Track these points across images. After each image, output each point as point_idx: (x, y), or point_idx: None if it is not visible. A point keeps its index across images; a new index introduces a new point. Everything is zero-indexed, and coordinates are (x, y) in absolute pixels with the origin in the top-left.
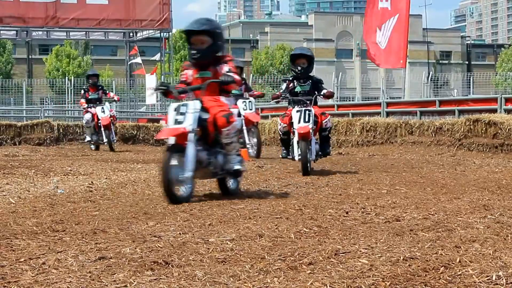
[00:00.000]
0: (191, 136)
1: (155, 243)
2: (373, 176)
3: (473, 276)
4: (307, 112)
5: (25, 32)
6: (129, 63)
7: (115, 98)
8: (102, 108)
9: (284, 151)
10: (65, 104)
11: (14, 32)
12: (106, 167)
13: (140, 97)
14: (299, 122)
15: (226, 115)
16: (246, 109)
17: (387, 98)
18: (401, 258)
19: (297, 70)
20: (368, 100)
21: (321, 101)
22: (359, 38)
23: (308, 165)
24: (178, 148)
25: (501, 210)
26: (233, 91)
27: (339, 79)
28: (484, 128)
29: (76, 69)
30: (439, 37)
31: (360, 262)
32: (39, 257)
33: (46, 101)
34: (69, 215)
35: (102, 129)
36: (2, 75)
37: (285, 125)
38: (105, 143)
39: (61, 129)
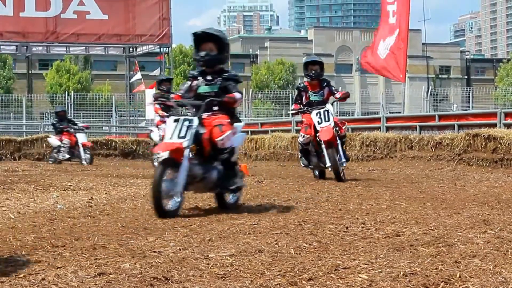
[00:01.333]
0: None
1: (155, 258)
2: (373, 191)
3: None
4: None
5: (25, 47)
6: (130, 81)
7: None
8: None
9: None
10: None
11: (14, 47)
12: (106, 182)
13: (140, 112)
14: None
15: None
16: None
17: (387, 113)
18: (401, 273)
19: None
20: (367, 115)
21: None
22: (359, 53)
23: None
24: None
25: (501, 225)
26: (312, 98)
27: None
28: (483, 143)
29: (76, 85)
30: (438, 52)
31: (360, 277)
32: (38, 273)
33: (46, 116)
34: (69, 231)
35: None
36: (3, 90)
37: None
38: None
39: None
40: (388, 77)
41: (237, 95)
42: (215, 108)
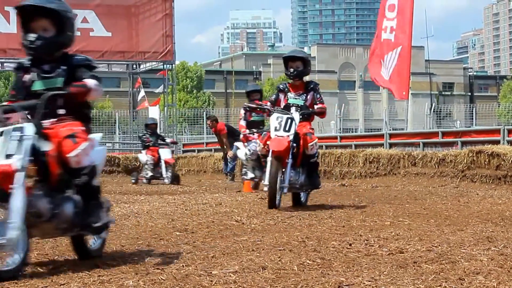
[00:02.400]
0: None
1: (158, 275)
2: (376, 207)
3: None
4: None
5: None
6: (137, 100)
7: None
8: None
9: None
10: None
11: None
12: (109, 199)
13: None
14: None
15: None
16: (279, 129)
17: (390, 130)
18: None
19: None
20: (371, 131)
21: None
22: (362, 70)
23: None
24: None
25: (504, 242)
26: (291, 100)
27: (342, 110)
28: (487, 160)
29: None
30: (441, 69)
31: None
32: None
33: None
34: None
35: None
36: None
37: (253, 150)
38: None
39: None
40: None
41: (89, 82)
42: (61, 111)
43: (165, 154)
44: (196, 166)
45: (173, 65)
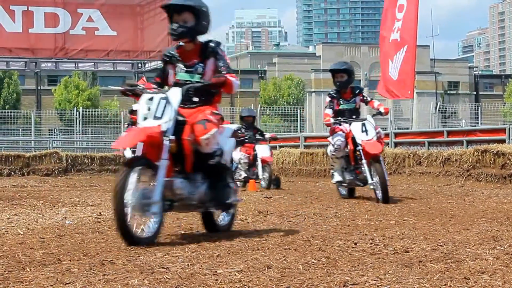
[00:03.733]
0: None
1: (163, 274)
2: (381, 206)
3: None
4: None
5: (34, 63)
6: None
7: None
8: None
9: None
10: (73, 134)
11: (23, 63)
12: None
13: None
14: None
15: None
16: (263, 152)
17: (395, 129)
18: None
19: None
20: None
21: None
22: (367, 69)
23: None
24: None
25: (510, 241)
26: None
27: None
28: (492, 159)
29: (85, 101)
30: (446, 68)
31: None
32: None
33: (54, 132)
34: (77, 246)
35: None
36: (9, 105)
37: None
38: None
39: (69, 160)
40: (400, 98)
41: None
42: (195, 99)
43: (263, 151)
44: None
45: None
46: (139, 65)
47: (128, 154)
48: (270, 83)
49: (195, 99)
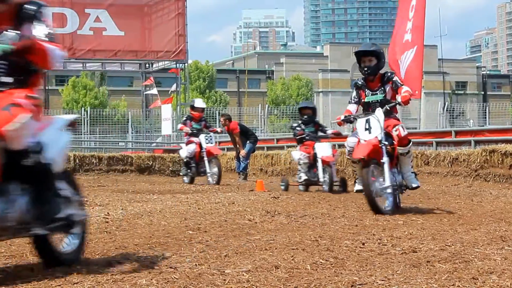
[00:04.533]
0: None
1: (171, 274)
2: None
3: None
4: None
5: None
6: (145, 93)
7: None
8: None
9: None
10: (81, 134)
11: None
12: (122, 198)
13: (156, 128)
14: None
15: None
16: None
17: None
18: None
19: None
20: None
21: None
22: None
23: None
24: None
25: None
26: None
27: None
28: (500, 159)
29: (93, 101)
30: (454, 68)
31: None
32: None
33: None
34: (85, 246)
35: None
36: None
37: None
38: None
39: (77, 160)
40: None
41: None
42: (4, 79)
43: (322, 150)
44: None
45: (186, 64)
46: (147, 65)
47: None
48: (279, 83)
49: (4, 79)
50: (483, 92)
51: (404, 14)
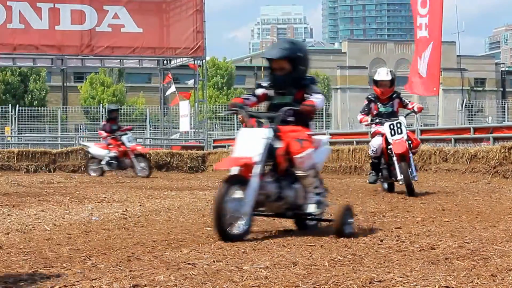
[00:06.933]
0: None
1: (189, 270)
2: (407, 203)
3: None
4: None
5: (61, 60)
6: (165, 95)
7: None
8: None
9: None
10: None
11: (50, 60)
12: (140, 194)
13: (174, 124)
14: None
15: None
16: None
17: (421, 125)
18: (436, 287)
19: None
20: None
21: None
22: (393, 65)
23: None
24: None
25: None
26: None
27: None
28: None
29: (111, 97)
30: (473, 64)
31: None
32: (73, 285)
33: (80, 129)
34: (104, 242)
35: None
36: (37, 101)
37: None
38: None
39: None
40: (428, 95)
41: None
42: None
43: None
44: None
45: (204, 61)
46: (165, 61)
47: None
48: None
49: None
50: (502, 89)
51: (414, 10)
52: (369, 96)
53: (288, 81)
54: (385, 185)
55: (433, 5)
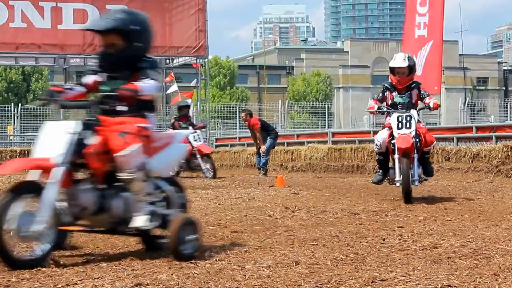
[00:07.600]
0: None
1: (192, 269)
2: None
3: None
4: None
5: (63, 59)
6: (166, 92)
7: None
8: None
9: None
10: None
11: (52, 59)
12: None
13: None
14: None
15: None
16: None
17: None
18: (439, 286)
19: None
20: None
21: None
22: None
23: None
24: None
25: None
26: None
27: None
28: None
29: None
30: (475, 63)
31: None
32: (76, 284)
33: None
34: (107, 241)
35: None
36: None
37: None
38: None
39: None
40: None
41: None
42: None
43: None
44: (229, 161)
45: (206, 60)
46: (167, 60)
47: None
48: (299, 78)
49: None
50: (504, 88)
51: (412, 10)
52: (385, 84)
53: (120, 61)
54: (397, 184)
55: (434, 3)
